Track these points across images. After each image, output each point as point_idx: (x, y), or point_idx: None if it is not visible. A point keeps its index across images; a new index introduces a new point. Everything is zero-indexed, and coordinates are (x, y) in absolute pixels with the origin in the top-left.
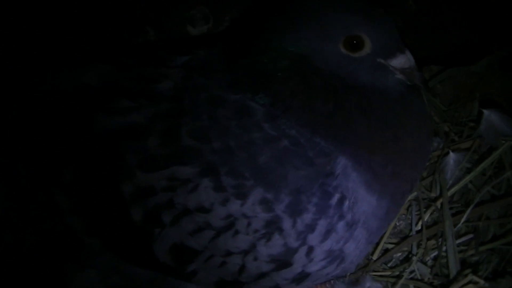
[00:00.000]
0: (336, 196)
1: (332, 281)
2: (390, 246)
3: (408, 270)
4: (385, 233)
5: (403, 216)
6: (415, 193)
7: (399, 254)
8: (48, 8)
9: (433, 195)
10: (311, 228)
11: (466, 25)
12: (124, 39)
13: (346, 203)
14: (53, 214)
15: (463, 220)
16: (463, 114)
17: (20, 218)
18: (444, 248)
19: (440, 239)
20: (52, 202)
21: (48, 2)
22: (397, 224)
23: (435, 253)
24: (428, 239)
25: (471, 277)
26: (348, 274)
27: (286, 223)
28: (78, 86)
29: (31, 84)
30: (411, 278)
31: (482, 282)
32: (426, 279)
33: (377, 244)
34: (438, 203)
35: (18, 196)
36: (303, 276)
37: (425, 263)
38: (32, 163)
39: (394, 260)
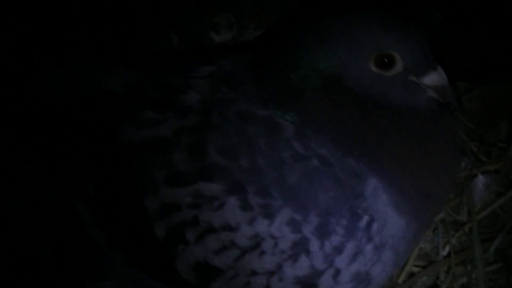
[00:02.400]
0: (365, 218)
1: None
2: (415, 269)
3: None
4: (411, 255)
5: (429, 237)
6: (441, 215)
7: (425, 278)
8: (73, 11)
9: (460, 218)
10: (339, 250)
11: (496, 39)
12: (147, 44)
13: (375, 225)
14: (74, 226)
15: (493, 247)
16: (492, 133)
17: (40, 228)
18: (473, 276)
19: (469, 266)
20: (75, 214)
21: (74, 5)
22: (423, 246)
23: (464, 280)
24: (456, 265)
25: None
26: None
27: (314, 245)
28: (102, 94)
29: (53, 89)
30: None
31: None
32: None
33: (403, 266)
34: (467, 228)
35: (38, 206)
36: None
37: None
38: (54, 173)
39: (419, 284)
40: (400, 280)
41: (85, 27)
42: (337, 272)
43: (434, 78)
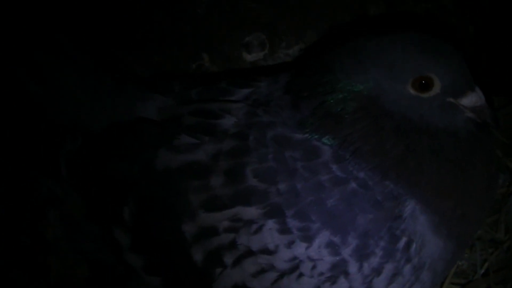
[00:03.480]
0: (404, 240)
1: None
2: (453, 287)
3: None
4: (448, 273)
5: (466, 255)
6: (479, 232)
7: None
8: (101, 28)
9: (498, 235)
10: (377, 272)
11: None
12: (179, 65)
13: (414, 246)
14: (111, 251)
15: None
16: None
17: (74, 249)
18: None
19: (509, 285)
20: (110, 238)
21: (108, 22)
22: (460, 263)
23: None
24: (495, 284)
25: None
26: None
27: (353, 267)
28: (137, 120)
29: (87, 115)
30: None
31: None
32: None
33: (441, 285)
34: (505, 246)
35: (71, 227)
36: None
37: None
38: (88, 196)
39: None
40: None
41: (113, 42)
42: None
43: (472, 99)
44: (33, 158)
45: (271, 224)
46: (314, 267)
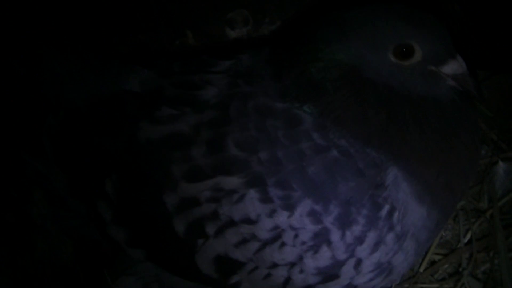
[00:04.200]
0: (386, 208)
1: None
2: (437, 257)
3: (458, 284)
4: (432, 244)
5: (450, 226)
6: (462, 202)
7: (446, 266)
8: (86, 9)
9: (481, 205)
10: (360, 240)
11: None
12: (163, 42)
13: (396, 214)
14: (93, 224)
15: None
16: (511, 121)
17: (59, 226)
18: (496, 262)
19: (491, 253)
20: (94, 212)
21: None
22: (444, 234)
23: (486, 266)
24: (478, 252)
25: None
26: (394, 285)
27: (335, 235)
28: (119, 93)
29: (69, 86)
30: None
31: None
32: None
33: (424, 255)
34: (488, 214)
35: (56, 205)
36: None
37: (475, 277)
38: (73, 173)
39: (441, 272)
40: (421, 269)
41: (99, 24)
42: (359, 262)
43: (453, 67)
44: (17, 136)
45: (252, 193)
46: (296, 236)
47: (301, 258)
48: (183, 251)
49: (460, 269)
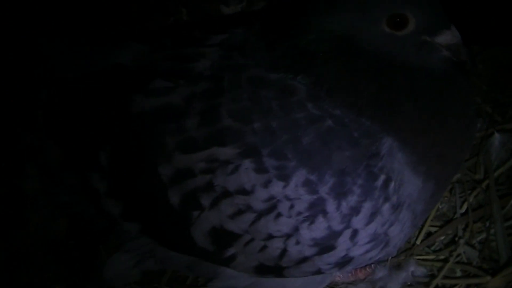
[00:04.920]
0: (382, 178)
1: (373, 266)
2: (433, 229)
3: (455, 253)
4: (428, 216)
5: (446, 198)
6: (458, 175)
7: (443, 237)
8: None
9: (477, 176)
10: (356, 210)
11: (508, 3)
12: (157, 19)
13: (392, 184)
14: (87, 198)
15: (511, 202)
16: (506, 94)
17: (52, 202)
18: (492, 231)
19: (487, 222)
20: (87, 186)
21: None
22: (440, 207)
23: (482, 236)
24: (474, 222)
25: None
26: (390, 258)
27: (330, 206)
28: (112, 66)
29: (63, 63)
30: (458, 262)
31: None
32: (474, 263)
33: (421, 227)
34: (484, 185)
35: (49, 179)
36: (346, 260)
37: (472, 247)
38: (64, 145)
39: (437, 243)
40: (418, 241)
41: (93, 3)
42: (355, 232)
43: (447, 37)
44: (9, 110)
45: (247, 163)
46: (291, 207)
47: (297, 229)
48: (179, 224)
49: (456, 239)
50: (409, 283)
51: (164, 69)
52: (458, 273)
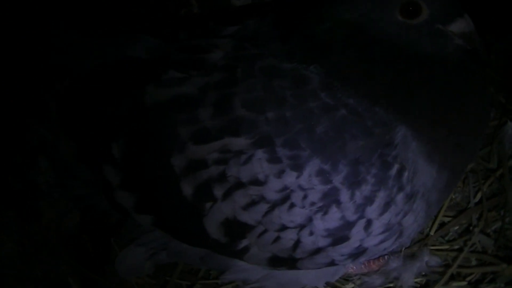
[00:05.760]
0: (396, 167)
1: (386, 257)
2: (447, 219)
3: (470, 243)
4: (442, 206)
5: (459, 188)
6: (472, 165)
7: (457, 227)
8: None
9: (491, 166)
10: (370, 200)
11: None
12: (168, 11)
13: (406, 174)
14: (100, 191)
15: None
16: None
17: (65, 195)
18: (507, 220)
19: (502, 211)
20: (100, 178)
21: None
22: (453, 196)
23: (497, 225)
24: (488, 211)
25: None
26: (403, 248)
27: (344, 195)
28: (125, 59)
29: (76, 55)
30: (473, 251)
31: None
32: (489, 251)
33: (434, 218)
34: (498, 174)
35: (62, 172)
36: (360, 251)
37: (487, 235)
38: (78, 136)
39: (451, 233)
40: (432, 232)
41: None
42: (369, 222)
43: (460, 25)
44: (23, 104)
45: (260, 153)
46: (305, 197)
47: (310, 219)
48: (192, 215)
49: (471, 228)
50: (423, 273)
51: (177, 60)
52: (473, 262)
